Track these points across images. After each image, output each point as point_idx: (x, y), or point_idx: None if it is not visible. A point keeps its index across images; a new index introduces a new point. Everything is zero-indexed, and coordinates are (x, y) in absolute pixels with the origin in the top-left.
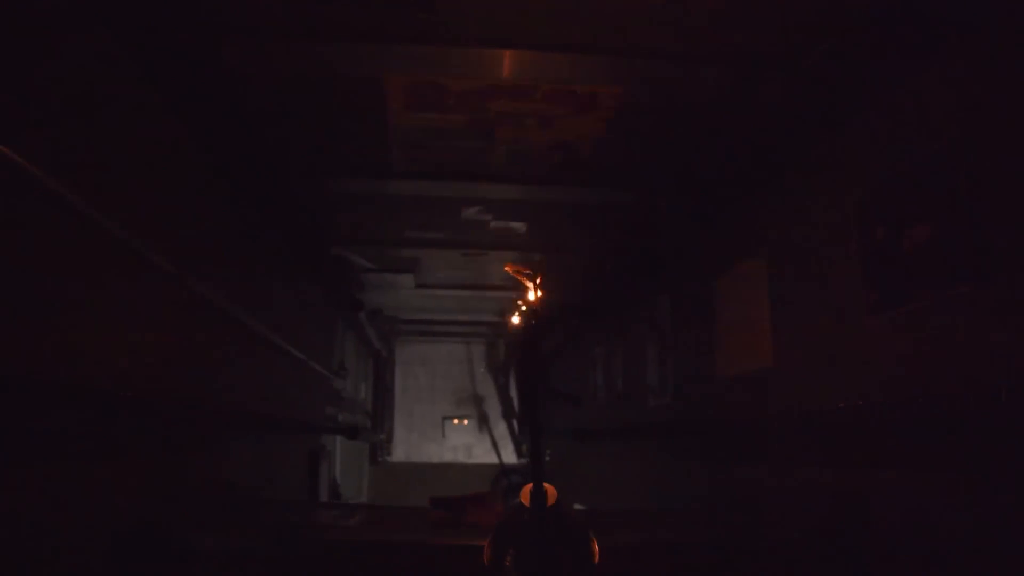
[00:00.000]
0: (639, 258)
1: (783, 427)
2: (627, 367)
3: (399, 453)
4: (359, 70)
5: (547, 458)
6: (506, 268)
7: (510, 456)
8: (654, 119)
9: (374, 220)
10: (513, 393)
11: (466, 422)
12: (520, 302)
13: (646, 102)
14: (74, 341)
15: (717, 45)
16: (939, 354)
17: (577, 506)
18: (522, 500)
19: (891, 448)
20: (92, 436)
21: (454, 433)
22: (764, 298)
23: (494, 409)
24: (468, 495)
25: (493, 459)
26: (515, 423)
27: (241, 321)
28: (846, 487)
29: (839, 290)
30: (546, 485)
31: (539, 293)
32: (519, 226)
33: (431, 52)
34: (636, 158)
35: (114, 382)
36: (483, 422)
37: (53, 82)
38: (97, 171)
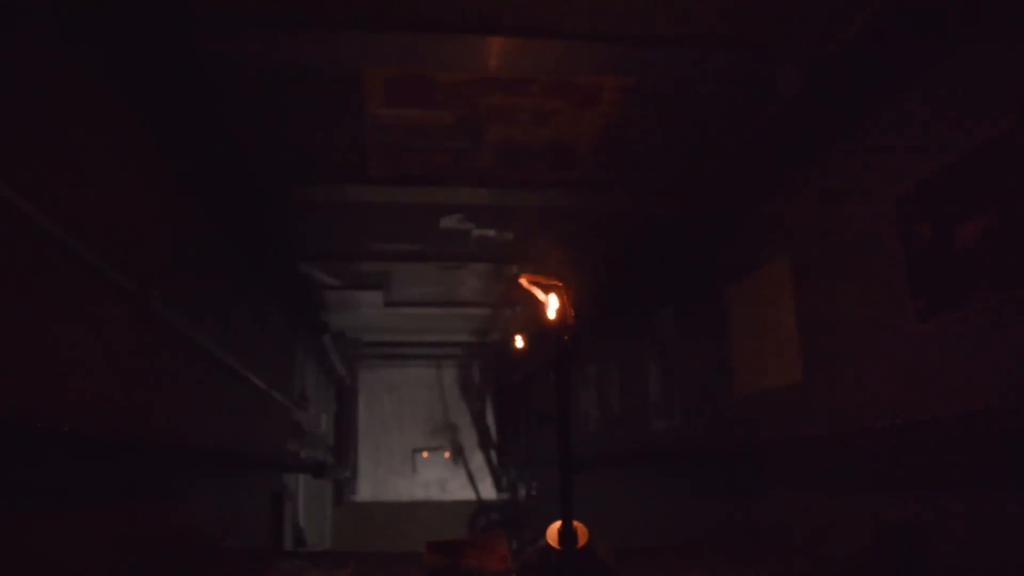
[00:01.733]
0: (639, 267)
1: (817, 449)
2: (625, 387)
3: (365, 491)
4: (334, 61)
5: (533, 492)
6: (521, 280)
7: (488, 491)
8: (661, 113)
9: (345, 232)
10: (490, 420)
11: (446, 455)
12: (536, 318)
13: (653, 93)
14: None
15: (732, 28)
16: (1007, 362)
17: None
18: (548, 540)
19: (953, 469)
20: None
21: (426, 467)
22: (789, 306)
23: (469, 438)
24: (467, 537)
25: (470, 494)
26: (493, 453)
27: (199, 344)
28: (897, 515)
29: (878, 295)
30: (576, 523)
31: (566, 306)
32: (504, 235)
33: (415, 40)
34: (639, 158)
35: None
36: (457, 453)
37: None
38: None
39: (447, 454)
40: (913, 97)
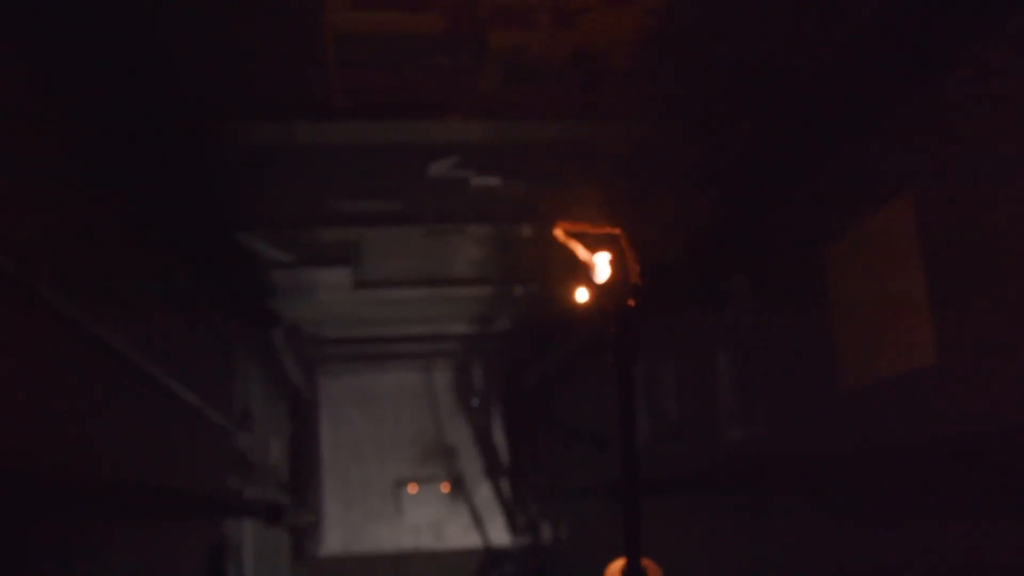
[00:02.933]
0: (700, 222)
1: (960, 452)
2: (684, 386)
3: (334, 541)
4: None
5: (560, 533)
6: (556, 232)
7: (500, 534)
8: (728, 6)
9: (298, 187)
10: (499, 438)
11: (443, 488)
12: (566, 294)
13: None
14: None
15: None
16: None
17: None
18: None
19: None
20: None
21: (415, 505)
22: (913, 264)
23: (472, 464)
24: None
25: (475, 541)
26: (505, 483)
27: (99, 341)
28: None
29: None
30: (645, 562)
31: (629, 260)
32: (513, 185)
33: None
34: (695, 73)
35: None
36: (457, 485)
37: None
38: None
39: (444, 486)
40: None
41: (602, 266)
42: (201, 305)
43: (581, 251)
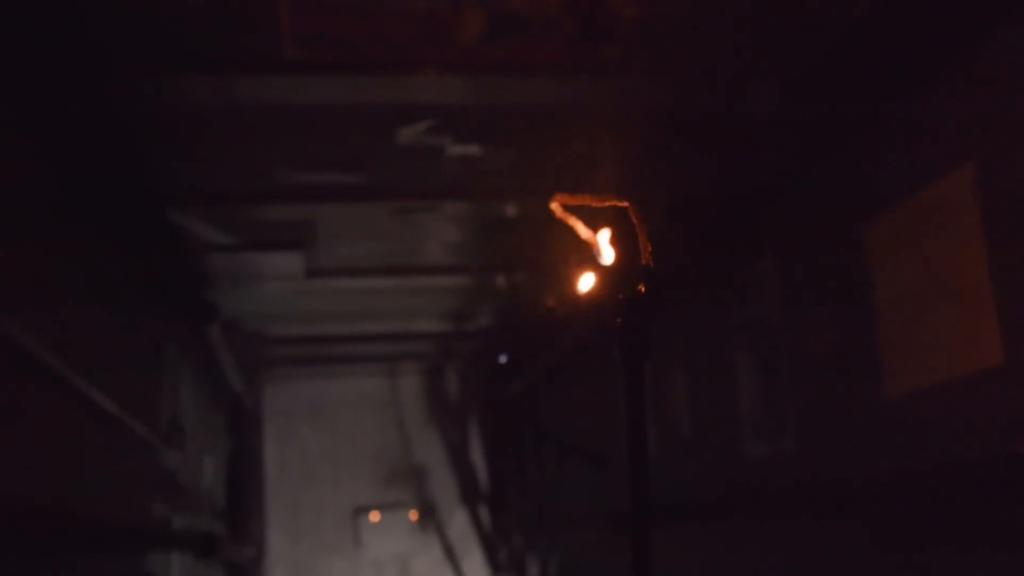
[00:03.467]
0: (716, 198)
1: None
2: (696, 396)
3: None
4: None
5: (550, 569)
6: (553, 206)
7: (479, 572)
8: None
9: (239, 155)
10: (478, 456)
11: (411, 516)
12: (559, 282)
13: None
14: None
15: None
16: None
17: None
18: None
19: None
20: None
21: (377, 536)
22: (975, 243)
23: (446, 488)
24: None
25: None
26: (485, 510)
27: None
28: None
29: None
30: None
31: (640, 238)
32: (497, 154)
33: None
34: (720, 20)
35: None
36: (428, 513)
37: None
38: None
39: (412, 514)
40: None
41: (607, 246)
42: (122, 294)
43: (582, 229)
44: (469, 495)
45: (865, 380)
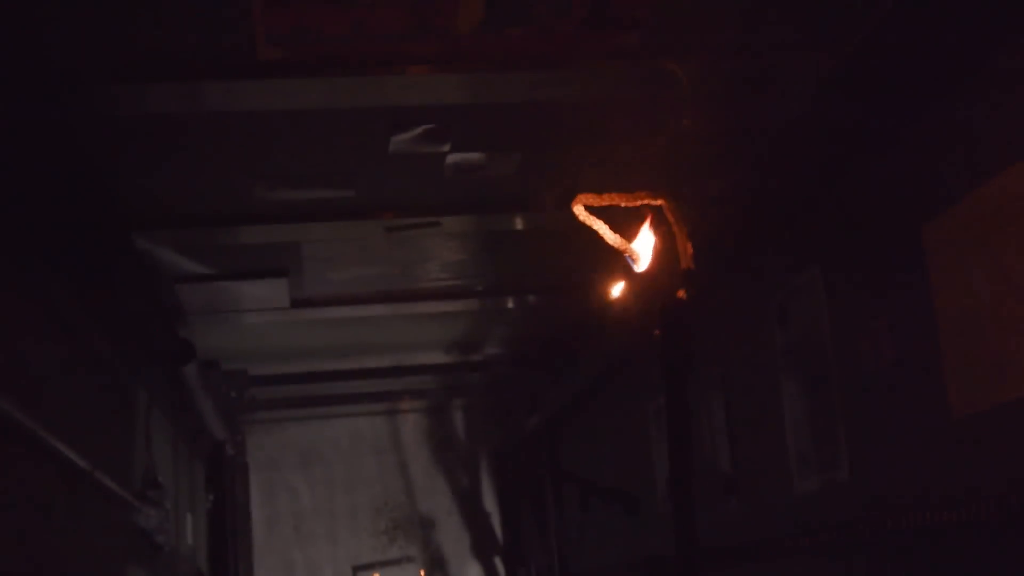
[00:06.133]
0: (751, 200)
1: None
2: (736, 426)
3: None
4: None
5: None
6: (576, 208)
7: None
8: None
9: (213, 171)
10: (491, 504)
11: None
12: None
13: None
14: None
15: None
16: None
17: None
18: None
19: None
20: None
21: None
22: None
23: (455, 540)
24: None
25: None
26: (500, 564)
27: None
28: None
29: None
30: None
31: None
32: (503, 159)
33: None
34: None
35: None
36: (435, 570)
37: None
38: None
39: (420, 574)
40: None
41: (642, 248)
42: (85, 332)
43: (609, 233)
44: (482, 547)
45: (925, 400)
